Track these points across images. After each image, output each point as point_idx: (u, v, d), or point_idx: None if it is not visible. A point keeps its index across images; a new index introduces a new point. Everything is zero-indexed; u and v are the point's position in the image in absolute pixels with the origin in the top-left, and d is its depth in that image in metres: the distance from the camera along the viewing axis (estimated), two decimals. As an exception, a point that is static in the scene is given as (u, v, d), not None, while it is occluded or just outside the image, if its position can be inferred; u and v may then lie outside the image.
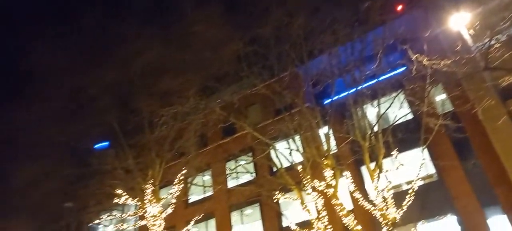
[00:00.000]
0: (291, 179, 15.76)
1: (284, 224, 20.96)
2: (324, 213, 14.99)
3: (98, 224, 25.26)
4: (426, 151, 15.55)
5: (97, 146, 21.73)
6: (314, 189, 15.32)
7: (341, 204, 14.41)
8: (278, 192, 16.61)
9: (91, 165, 18.76)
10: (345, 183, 16.11)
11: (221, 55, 15.99)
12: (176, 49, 16.92)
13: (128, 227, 24.28)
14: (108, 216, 21.71)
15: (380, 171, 14.22)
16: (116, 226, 23.51)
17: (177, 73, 16.49)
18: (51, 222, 19.20)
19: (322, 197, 15.27)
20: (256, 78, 16.61)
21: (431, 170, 17.11)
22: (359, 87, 15.26)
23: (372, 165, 14.56)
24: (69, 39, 18.83)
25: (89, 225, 24.72)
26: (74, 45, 18.28)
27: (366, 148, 14.57)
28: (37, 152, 18.22)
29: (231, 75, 16.94)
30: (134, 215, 22.29)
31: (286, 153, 16.11)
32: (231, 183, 23.38)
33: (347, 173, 15.43)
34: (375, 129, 14.80)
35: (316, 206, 15.22)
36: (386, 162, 14.87)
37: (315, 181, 15.20)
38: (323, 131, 15.92)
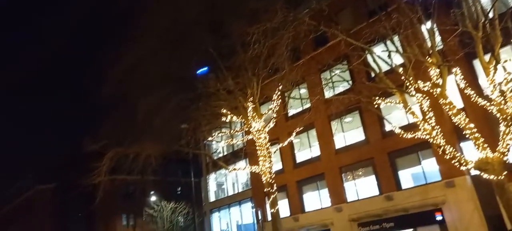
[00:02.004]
0: (392, 83, 15.02)
1: (387, 128, 20.59)
2: (431, 114, 14.17)
3: (211, 141, 28.30)
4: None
5: (199, 71, 23.45)
6: (418, 90, 14.41)
7: (450, 103, 13.38)
8: (378, 97, 16.08)
9: (197, 89, 20.53)
10: (455, 80, 14.77)
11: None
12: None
13: (237, 141, 26.69)
14: (218, 133, 24.04)
15: (497, 63, 12.56)
16: (227, 142, 26.05)
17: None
18: (173, 142, 22.04)
19: (427, 97, 14.34)
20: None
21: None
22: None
23: (487, 57, 12.92)
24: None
25: (204, 142, 27.84)
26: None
27: (479, 38, 12.86)
28: (151, 84, 20.54)
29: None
30: (240, 131, 24.29)
31: (385, 55, 15.18)
32: (328, 94, 23.40)
33: (456, 69, 14.03)
34: (491, 14, 12.81)
35: (421, 108, 14.41)
36: (504, 52, 13.04)
37: (419, 81, 14.21)
38: (426, 26, 14.40)
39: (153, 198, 41.58)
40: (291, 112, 25.79)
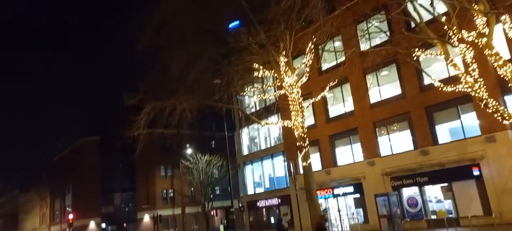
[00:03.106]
0: (433, 33, 14.25)
1: (426, 82, 19.83)
2: (474, 65, 13.43)
3: (244, 95, 28.54)
4: None
5: (231, 25, 23.24)
6: (461, 40, 13.61)
7: (496, 54, 12.59)
8: (417, 49, 15.37)
9: (229, 43, 20.46)
10: (503, 29, 13.77)
11: None
12: None
13: (270, 96, 26.77)
14: (251, 88, 24.15)
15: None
16: (259, 96, 26.19)
17: None
18: (207, 96, 22.44)
19: (471, 48, 13.55)
20: None
21: None
22: None
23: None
24: None
25: (237, 97, 28.14)
26: None
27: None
28: (184, 39, 20.69)
29: None
30: (273, 86, 24.25)
31: (427, 3, 14.31)
32: (364, 46, 22.63)
33: (505, 17, 13.02)
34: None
35: (464, 59, 13.67)
36: None
37: (463, 31, 13.38)
38: (473, -30, 13.29)
39: (189, 151, 43.25)
40: (325, 66, 25.32)
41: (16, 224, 69.02)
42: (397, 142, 21.67)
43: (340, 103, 24.66)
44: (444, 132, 19.84)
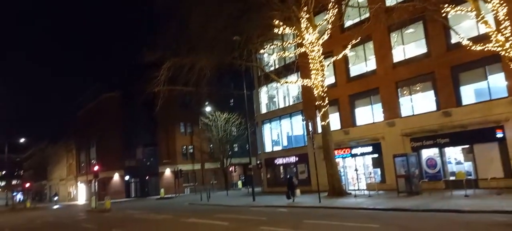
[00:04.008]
0: (465, -12, 13.50)
1: (453, 40, 19.06)
2: (507, 23, 12.77)
3: (263, 53, 28.23)
4: None
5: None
6: (495, -5, 12.88)
7: (532, 11, 11.91)
8: (447, 5, 14.65)
9: (249, -1, 19.98)
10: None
11: None
12: None
13: (289, 54, 26.40)
14: (270, 46, 23.82)
15: None
16: (279, 54, 25.86)
17: None
18: (226, 53, 22.32)
19: (505, 4, 12.82)
20: None
21: None
22: None
23: None
24: None
25: (256, 55, 27.87)
26: None
27: None
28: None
29: None
30: (293, 43, 23.83)
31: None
32: (389, 1, 21.73)
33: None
34: None
35: (496, 17, 13.00)
36: None
37: (497, -15, 12.63)
38: None
39: (208, 109, 43.81)
40: (348, 23, 24.57)
41: (45, 175, 72.93)
42: (419, 103, 21.24)
43: (362, 62, 24.10)
44: (469, 93, 19.25)
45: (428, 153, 20.50)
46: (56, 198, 49.99)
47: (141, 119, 45.51)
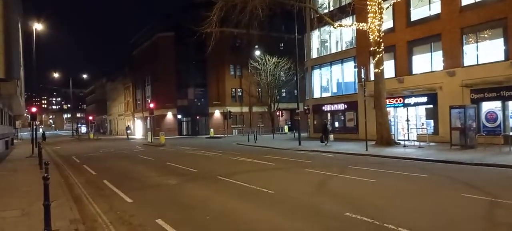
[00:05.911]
0: None
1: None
2: None
3: None
4: None
5: None
6: None
7: None
8: None
9: None
10: None
11: None
12: None
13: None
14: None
15: None
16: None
17: None
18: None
19: None
20: None
21: None
22: None
23: None
24: None
25: None
26: None
27: None
28: None
29: None
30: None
31: None
32: None
33: None
34: None
35: None
36: None
37: None
38: None
39: (257, 52, 43.62)
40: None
41: (105, 109, 78.60)
42: (485, 51, 19.55)
43: (425, 5, 22.28)
44: (546, 42, 17.36)
45: (489, 106, 19.20)
46: (129, 131, 50.19)
47: (193, 60, 46.62)
